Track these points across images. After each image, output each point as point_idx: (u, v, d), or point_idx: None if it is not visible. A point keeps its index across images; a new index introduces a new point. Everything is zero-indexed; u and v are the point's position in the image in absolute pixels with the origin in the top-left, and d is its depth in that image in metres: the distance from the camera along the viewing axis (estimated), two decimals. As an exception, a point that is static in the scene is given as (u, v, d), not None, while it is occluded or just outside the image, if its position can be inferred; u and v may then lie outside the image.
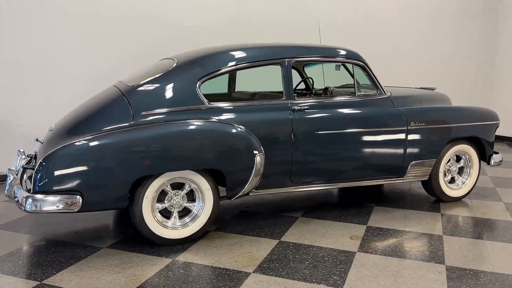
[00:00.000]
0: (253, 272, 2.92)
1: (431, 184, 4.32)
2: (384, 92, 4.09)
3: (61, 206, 2.97)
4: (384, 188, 4.98)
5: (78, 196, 2.98)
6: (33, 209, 2.95)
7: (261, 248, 3.31)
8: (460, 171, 4.51)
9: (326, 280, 2.81)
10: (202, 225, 3.41)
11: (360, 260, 3.11)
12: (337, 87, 4.41)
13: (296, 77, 4.89)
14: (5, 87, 4.97)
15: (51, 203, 2.95)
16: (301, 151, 3.68)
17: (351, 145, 3.86)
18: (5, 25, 4.88)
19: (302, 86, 4.75)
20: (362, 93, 4.10)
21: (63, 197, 2.97)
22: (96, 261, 3.10)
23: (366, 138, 3.91)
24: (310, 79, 4.71)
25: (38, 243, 3.44)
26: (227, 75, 4.47)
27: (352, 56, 3.99)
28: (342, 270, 2.95)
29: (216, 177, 3.42)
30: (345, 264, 3.04)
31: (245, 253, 3.23)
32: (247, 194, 3.57)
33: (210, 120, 3.39)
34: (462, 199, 4.51)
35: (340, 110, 3.87)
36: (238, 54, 3.64)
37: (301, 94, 4.60)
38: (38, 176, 2.96)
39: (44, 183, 2.96)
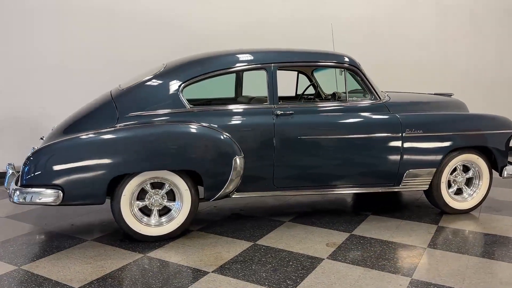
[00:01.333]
0: (212, 272, 2.99)
1: (432, 194, 4.12)
2: (379, 98, 3.98)
3: (43, 199, 3.23)
4: (389, 197, 4.81)
5: (59, 191, 3.23)
6: (20, 200, 3.24)
7: (232, 249, 3.37)
8: (469, 182, 4.25)
9: (279, 284, 2.81)
10: (179, 224, 3.53)
11: (324, 267, 3.07)
12: (346, 92, 4.31)
13: (305, 82, 4.94)
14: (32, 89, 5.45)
15: (35, 195, 3.22)
16: (283, 156, 3.69)
17: (337, 151, 3.80)
18: (39, 32, 5.36)
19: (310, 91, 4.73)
20: (354, 98, 4.02)
21: (46, 190, 3.23)
22: (75, 252, 3.33)
23: (354, 144, 3.83)
24: (314, 84, 4.70)
25: (35, 233, 3.75)
26: (231, 77, 4.58)
27: (343, 61, 3.93)
28: (300, 276, 2.93)
29: (195, 178, 3.53)
30: (306, 270, 3.01)
31: (214, 253, 3.30)
32: (228, 196, 3.65)
33: (189, 123, 3.51)
34: (470, 212, 4.23)
35: (326, 116, 3.83)
36: (223, 60, 3.74)
37: (303, 98, 4.60)
38: (25, 170, 3.25)
39: (30, 177, 3.24)
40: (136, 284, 2.82)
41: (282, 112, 3.70)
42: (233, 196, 3.69)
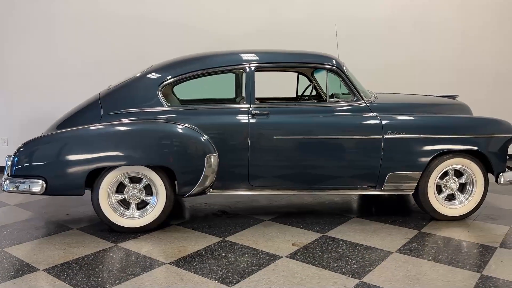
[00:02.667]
0: (168, 263, 3.13)
1: (419, 199, 3.99)
2: (362, 98, 3.93)
3: (29, 189, 3.53)
4: (385, 200, 4.71)
5: (42, 181, 3.51)
6: (10, 189, 3.56)
7: (199, 244, 3.49)
8: (463, 188, 4.06)
9: (225, 278, 2.89)
10: (155, 217, 3.70)
11: (278, 264, 3.10)
12: (327, 93, 4.31)
13: (305, 83, 4.96)
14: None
15: (22, 185, 3.53)
16: (258, 155, 3.75)
17: (313, 152, 3.80)
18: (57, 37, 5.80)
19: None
20: (335, 99, 4.00)
21: (31, 181, 3.52)
22: (57, 238, 3.61)
23: (331, 145, 3.81)
24: (312, 85, 4.71)
25: (32, 220, 4.09)
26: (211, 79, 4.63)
27: (325, 61, 3.92)
28: (250, 271, 2.99)
29: (171, 174, 3.68)
30: (258, 266, 3.07)
31: (180, 246, 3.44)
32: (203, 193, 3.77)
33: (165, 121, 3.67)
34: (464, 219, 4.04)
35: (302, 116, 3.84)
36: (201, 61, 3.88)
37: (302, 99, 4.63)
38: (15, 161, 3.57)
39: (18, 168, 3.56)
40: (94, 269, 3.02)
41: (257, 112, 3.77)
42: (209, 193, 3.80)
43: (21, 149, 3.58)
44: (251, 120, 3.74)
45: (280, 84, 5.12)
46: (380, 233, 3.72)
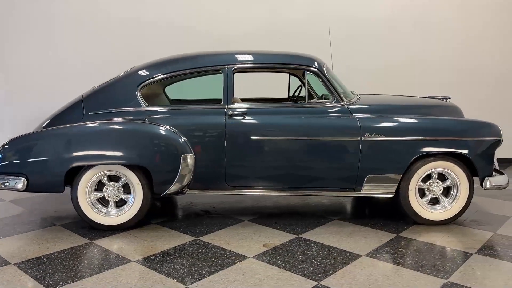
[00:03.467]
0: (134, 261, 3.18)
1: (400, 203, 3.91)
2: (342, 100, 3.89)
3: (11, 185, 3.66)
4: (376, 202, 4.64)
5: (23, 178, 3.64)
6: (-2, 186, 3.70)
7: (171, 242, 3.53)
8: (448, 191, 3.96)
9: (184, 277, 2.92)
10: (132, 216, 3.78)
11: (242, 265, 3.11)
12: (306, 94, 4.29)
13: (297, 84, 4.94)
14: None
15: (5, 181, 3.66)
16: (234, 155, 3.77)
17: (289, 153, 3.79)
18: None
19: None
20: (314, 100, 3.98)
21: (13, 178, 3.65)
22: (38, 234, 3.73)
23: (307, 146, 3.79)
24: (303, 86, 4.69)
25: (22, 215, 4.24)
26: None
27: (304, 62, 3.90)
28: (211, 271, 3.01)
29: (148, 173, 3.74)
30: (222, 266, 3.08)
31: (152, 245, 3.50)
32: (181, 192, 3.82)
33: (142, 121, 3.74)
34: (448, 224, 3.94)
35: (279, 117, 3.83)
36: (180, 62, 3.93)
37: (293, 101, 4.63)
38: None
39: (1, 165, 3.69)
40: (61, 265, 3.10)
41: (234, 112, 3.78)
42: (186, 193, 3.84)
43: (5, 147, 3.71)
44: (228, 121, 3.76)
45: (275, 85, 5.13)
46: (356, 236, 3.67)
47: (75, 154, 3.64)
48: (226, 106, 3.81)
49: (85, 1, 6.04)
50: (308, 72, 3.89)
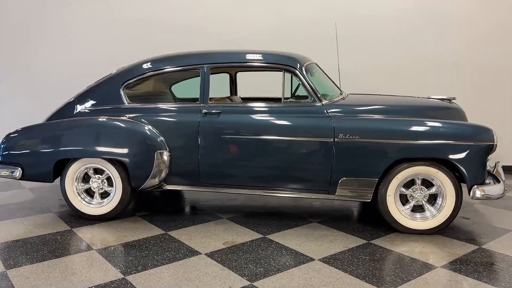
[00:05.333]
0: (95, 249, 3.38)
1: (379, 208, 3.73)
2: (319, 100, 3.79)
3: (9, 174, 4.04)
4: (369, 208, 4.46)
5: (19, 168, 4.01)
6: (-3, 174, 4.11)
7: (140, 234, 3.69)
8: (436, 199, 3.71)
9: (127, 268, 3.04)
10: (112, 207, 3.99)
11: (189, 260, 3.17)
12: (283, 94, 4.16)
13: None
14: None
15: (3, 170, 4.05)
16: (207, 153, 3.84)
17: (262, 152, 3.77)
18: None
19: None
20: (291, 100, 3.92)
21: (10, 167, 4.04)
22: (30, 219, 4.08)
23: (279, 146, 3.74)
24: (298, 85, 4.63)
25: (27, 203, 4.63)
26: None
27: (279, 62, 3.85)
28: (156, 265, 3.10)
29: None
30: (168, 261, 3.16)
31: (121, 235, 3.67)
32: (159, 187, 3.97)
33: (123, 117, 3.93)
34: (433, 233, 3.68)
35: (252, 116, 3.82)
36: (160, 62, 4.06)
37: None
38: (1, 148, 4.10)
39: (2, 155, 4.09)
40: (31, 248, 3.38)
41: (208, 111, 3.85)
42: (164, 188, 3.98)
43: (5, 139, 4.10)
44: (202, 119, 3.83)
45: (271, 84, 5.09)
46: (323, 240, 3.57)
47: (61, 148, 3.93)
48: (202, 105, 3.88)
49: (100, 5, 6.38)
50: (285, 72, 3.83)
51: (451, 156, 3.51)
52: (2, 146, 4.09)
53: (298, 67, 3.81)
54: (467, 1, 5.85)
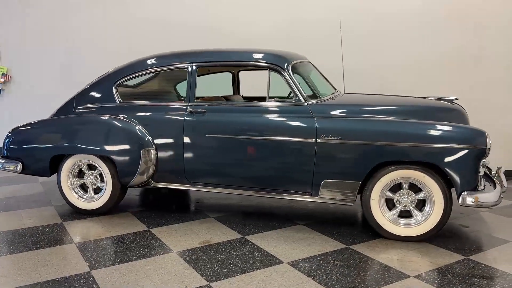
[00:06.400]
0: (75, 243, 3.49)
1: (363, 213, 3.60)
2: (304, 99, 3.70)
3: (12, 168, 4.26)
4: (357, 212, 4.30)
5: (19, 163, 4.21)
6: (0, 167, 4.34)
7: (122, 230, 3.77)
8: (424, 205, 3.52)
9: (96, 263, 3.11)
10: (103, 203, 4.11)
11: (159, 258, 3.20)
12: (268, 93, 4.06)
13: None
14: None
15: (6, 164, 4.28)
16: (192, 152, 3.86)
17: (245, 152, 3.73)
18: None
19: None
20: (276, 99, 3.86)
21: (12, 161, 4.25)
22: (28, 211, 4.29)
23: (261, 146, 3.69)
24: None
25: (34, 196, 4.85)
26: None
27: (267, 60, 3.79)
28: (127, 260, 3.16)
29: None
30: (141, 257, 3.21)
31: (104, 230, 3.77)
32: (147, 184, 4.04)
33: (114, 115, 4.03)
34: (421, 241, 3.50)
35: (236, 115, 3.78)
36: (149, 61, 4.12)
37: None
38: (4, 145, 4.34)
39: (5, 150, 4.32)
40: (18, 239, 3.55)
41: (193, 110, 3.86)
42: (152, 185, 4.04)
43: (9, 135, 4.32)
44: (187, 118, 3.86)
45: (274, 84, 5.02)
46: (301, 243, 3.49)
47: (56, 144, 4.09)
48: (187, 104, 3.90)
49: (120, 7, 6.55)
50: (271, 70, 3.77)
51: (438, 160, 3.32)
52: (7, 141, 4.31)
53: (284, 66, 3.74)
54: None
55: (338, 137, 3.49)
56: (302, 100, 3.69)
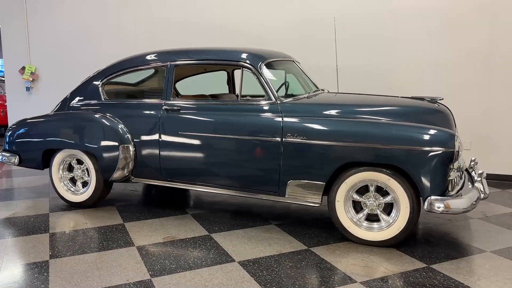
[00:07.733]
0: (50, 233, 3.68)
1: (330, 215, 3.52)
2: (274, 98, 3.67)
3: (10, 160, 4.55)
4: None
5: (17, 156, 4.50)
6: (1, 160, 4.66)
7: (98, 223, 3.92)
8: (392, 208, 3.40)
9: (58, 252, 3.27)
10: (88, 196, 4.29)
11: (118, 251, 3.30)
12: (240, 91, 4.01)
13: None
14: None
15: (5, 157, 4.58)
16: (166, 149, 3.94)
17: (215, 150, 3.76)
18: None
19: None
20: (248, 98, 3.85)
21: (9, 154, 4.55)
22: (25, 202, 4.57)
23: (231, 144, 3.70)
24: (286, 83, 4.55)
25: (37, 188, 5.16)
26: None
27: (236, 59, 3.80)
28: (87, 252, 3.29)
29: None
30: (102, 249, 3.33)
31: (82, 223, 3.94)
32: (127, 179, 4.18)
33: (97, 112, 4.20)
34: (387, 246, 3.38)
35: (208, 114, 3.81)
36: (133, 60, 4.24)
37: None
38: (5, 138, 4.64)
39: (6, 143, 4.62)
40: (5, 227, 3.79)
41: (169, 107, 3.94)
42: (132, 181, 4.18)
43: (9, 130, 4.62)
44: (162, 115, 3.94)
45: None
46: (262, 243, 3.47)
47: (47, 139, 4.32)
48: (163, 101, 3.99)
49: (144, 8, 6.76)
50: (243, 69, 3.77)
51: (401, 163, 3.18)
52: (7, 134, 4.61)
53: (256, 64, 3.73)
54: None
55: (302, 137, 3.43)
56: (273, 99, 3.66)
